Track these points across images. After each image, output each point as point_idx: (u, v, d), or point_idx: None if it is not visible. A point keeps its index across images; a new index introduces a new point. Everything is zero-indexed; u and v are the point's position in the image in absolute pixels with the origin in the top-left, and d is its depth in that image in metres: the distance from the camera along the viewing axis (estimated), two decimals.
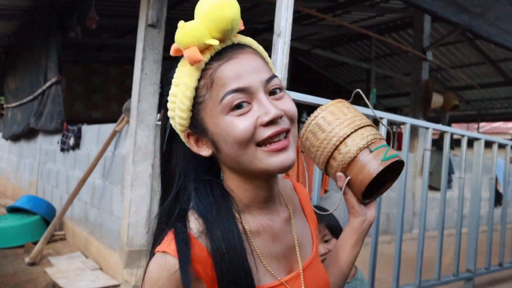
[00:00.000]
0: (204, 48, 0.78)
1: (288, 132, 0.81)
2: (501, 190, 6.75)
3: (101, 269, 3.93)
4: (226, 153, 0.80)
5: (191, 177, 0.84)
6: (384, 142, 0.99)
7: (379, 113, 2.52)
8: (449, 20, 3.67)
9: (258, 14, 7.12)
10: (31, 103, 6.59)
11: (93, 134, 4.75)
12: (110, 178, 4.24)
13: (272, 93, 0.81)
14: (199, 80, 0.80)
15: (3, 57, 8.75)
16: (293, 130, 0.82)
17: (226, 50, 0.80)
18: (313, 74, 11.67)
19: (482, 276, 3.45)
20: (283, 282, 0.84)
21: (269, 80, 0.80)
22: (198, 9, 0.79)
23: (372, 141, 0.97)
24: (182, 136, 0.84)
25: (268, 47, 2.10)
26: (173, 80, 0.83)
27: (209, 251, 0.75)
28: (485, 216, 5.84)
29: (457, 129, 3.06)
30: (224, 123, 0.77)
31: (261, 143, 0.78)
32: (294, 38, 8.30)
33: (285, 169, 0.81)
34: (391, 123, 2.83)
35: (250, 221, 0.84)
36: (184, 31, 0.77)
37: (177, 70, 0.83)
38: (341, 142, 0.97)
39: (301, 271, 0.89)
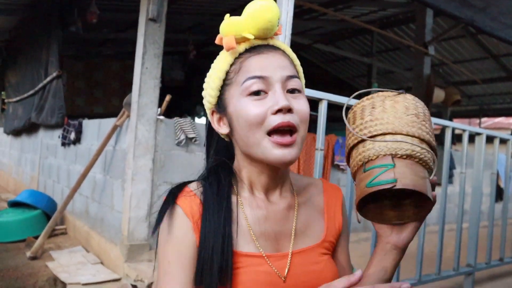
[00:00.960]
0: (241, 40, 0.91)
1: (295, 130, 0.88)
2: (502, 185, 6.74)
3: (102, 263, 3.94)
4: (238, 133, 0.90)
5: (214, 155, 0.99)
6: (388, 160, 0.81)
7: None
8: (452, 15, 3.65)
9: None
10: (32, 98, 6.59)
11: (94, 129, 4.75)
12: (111, 173, 4.24)
13: (290, 91, 0.89)
14: (231, 65, 0.92)
15: (4, 52, 8.76)
16: (301, 130, 0.89)
17: (260, 47, 0.92)
18: (315, 69, 11.64)
19: (483, 271, 3.45)
20: (263, 254, 0.89)
21: (289, 77, 0.90)
22: (246, 9, 0.90)
23: (370, 158, 0.84)
24: (208, 113, 0.97)
25: None
26: (212, 65, 0.96)
27: (201, 202, 0.89)
28: (486, 211, 5.84)
29: (458, 124, 3.04)
30: (240, 104, 0.88)
31: (270, 132, 0.86)
32: (296, 33, 8.28)
33: (284, 165, 0.89)
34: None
35: (248, 198, 0.94)
36: (228, 22, 0.89)
37: (218, 57, 0.96)
38: (350, 151, 0.90)
39: (290, 253, 0.92)
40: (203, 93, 0.97)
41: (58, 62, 5.75)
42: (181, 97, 9.97)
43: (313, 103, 2.17)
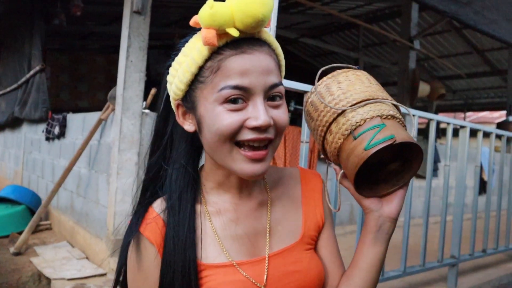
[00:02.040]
0: (222, 33, 0.77)
1: (270, 143, 0.81)
2: (486, 178, 6.83)
3: (88, 258, 3.91)
4: (206, 139, 0.82)
5: (172, 159, 0.88)
6: (378, 121, 0.82)
7: None
8: (436, 8, 3.68)
9: None
10: (15, 92, 6.49)
11: (79, 123, 4.70)
12: (96, 167, 4.20)
13: (271, 98, 0.81)
14: (207, 60, 0.79)
15: None
16: (276, 140, 0.83)
17: (244, 42, 0.79)
18: (302, 63, 11.65)
19: (466, 262, 3.50)
20: (234, 263, 0.83)
21: (273, 86, 0.80)
22: None
23: (358, 123, 0.82)
24: (173, 104, 0.86)
25: None
26: (183, 48, 0.83)
27: (165, 223, 0.83)
28: (470, 204, 5.92)
29: (442, 117, 3.07)
30: (214, 111, 0.78)
31: (240, 143, 0.79)
32: (282, 27, 8.28)
33: (254, 178, 0.82)
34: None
35: (214, 203, 0.89)
36: (211, 11, 0.75)
37: (191, 40, 0.83)
38: (327, 129, 0.87)
39: (267, 257, 0.87)
40: (169, 78, 0.86)
41: (42, 55, 5.67)
42: None
43: (299, 96, 2.18)
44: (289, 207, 0.94)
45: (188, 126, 0.86)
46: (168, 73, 0.86)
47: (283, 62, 0.88)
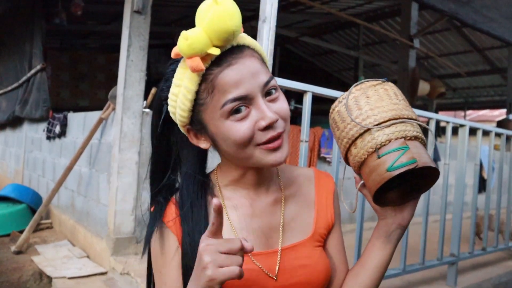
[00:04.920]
0: (205, 55, 0.82)
1: (282, 132, 0.87)
2: (485, 176, 6.84)
3: (88, 257, 3.92)
4: (224, 150, 0.88)
5: (183, 169, 0.94)
6: (401, 143, 0.84)
7: None
8: (436, 7, 3.69)
9: (246, 0, 7.06)
10: (16, 91, 6.50)
11: (79, 122, 4.71)
12: (97, 166, 4.21)
13: (268, 93, 0.87)
14: (199, 84, 0.84)
15: None
16: (286, 128, 0.89)
17: (225, 55, 0.84)
18: (302, 62, 11.65)
19: (466, 260, 3.51)
20: (249, 254, 0.89)
21: (266, 83, 0.86)
22: (200, 17, 0.81)
23: (383, 143, 0.85)
24: (183, 130, 0.91)
25: (255, 35, 2.08)
26: (173, 80, 0.87)
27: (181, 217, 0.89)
28: (470, 202, 5.92)
29: (442, 116, 3.08)
30: (224, 126, 0.84)
31: (259, 143, 0.86)
32: (282, 25, 8.28)
33: (278, 165, 0.89)
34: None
35: (231, 198, 0.94)
36: (188, 42, 0.79)
37: (178, 71, 0.87)
38: (352, 142, 0.89)
39: (279, 250, 0.92)
40: (169, 109, 0.90)
41: (42, 54, 5.67)
42: None
43: (299, 96, 2.18)
44: (302, 205, 1.00)
45: (204, 144, 0.91)
46: (167, 105, 0.91)
47: (265, 55, 0.92)
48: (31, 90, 5.79)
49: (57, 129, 5.10)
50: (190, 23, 0.83)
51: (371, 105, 0.88)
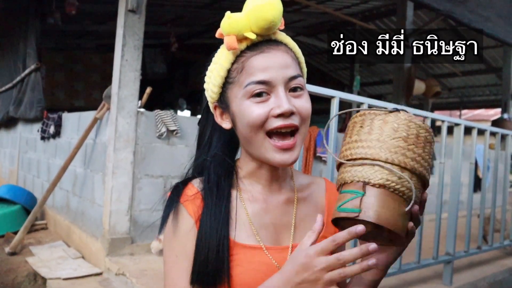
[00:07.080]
0: (242, 38, 0.90)
1: (296, 130, 0.91)
2: (481, 175, 6.85)
3: (83, 258, 3.90)
4: (240, 131, 0.93)
5: (211, 151, 0.99)
6: (358, 187, 0.79)
7: (361, 99, 2.53)
8: (431, 6, 3.69)
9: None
10: (10, 91, 6.47)
11: (74, 122, 4.69)
12: (91, 166, 4.19)
13: (293, 90, 0.91)
14: (232, 63, 0.92)
15: None
16: (302, 129, 0.92)
17: (262, 44, 0.91)
18: None
19: (461, 259, 3.52)
20: (263, 246, 0.92)
21: (292, 78, 0.90)
22: (246, 4, 0.90)
23: (346, 181, 0.82)
24: (211, 107, 0.99)
25: None
26: (213, 59, 0.96)
27: (203, 201, 0.92)
28: (465, 201, 5.94)
29: (437, 115, 3.09)
30: (243, 105, 0.90)
31: (270, 133, 0.89)
32: None
33: (285, 166, 0.94)
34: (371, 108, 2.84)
35: (248, 191, 0.98)
36: (229, 21, 0.88)
37: (219, 50, 0.96)
38: (340, 165, 0.87)
39: (291, 246, 0.96)
40: (205, 86, 0.98)
41: (37, 54, 5.65)
42: (163, 90, 9.88)
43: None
44: (313, 209, 1.03)
45: (226, 124, 0.97)
46: (204, 82, 0.99)
47: (302, 59, 0.99)
48: (26, 90, 5.76)
49: (52, 130, 5.08)
50: (185, 23, 0.83)
51: (359, 136, 0.84)
